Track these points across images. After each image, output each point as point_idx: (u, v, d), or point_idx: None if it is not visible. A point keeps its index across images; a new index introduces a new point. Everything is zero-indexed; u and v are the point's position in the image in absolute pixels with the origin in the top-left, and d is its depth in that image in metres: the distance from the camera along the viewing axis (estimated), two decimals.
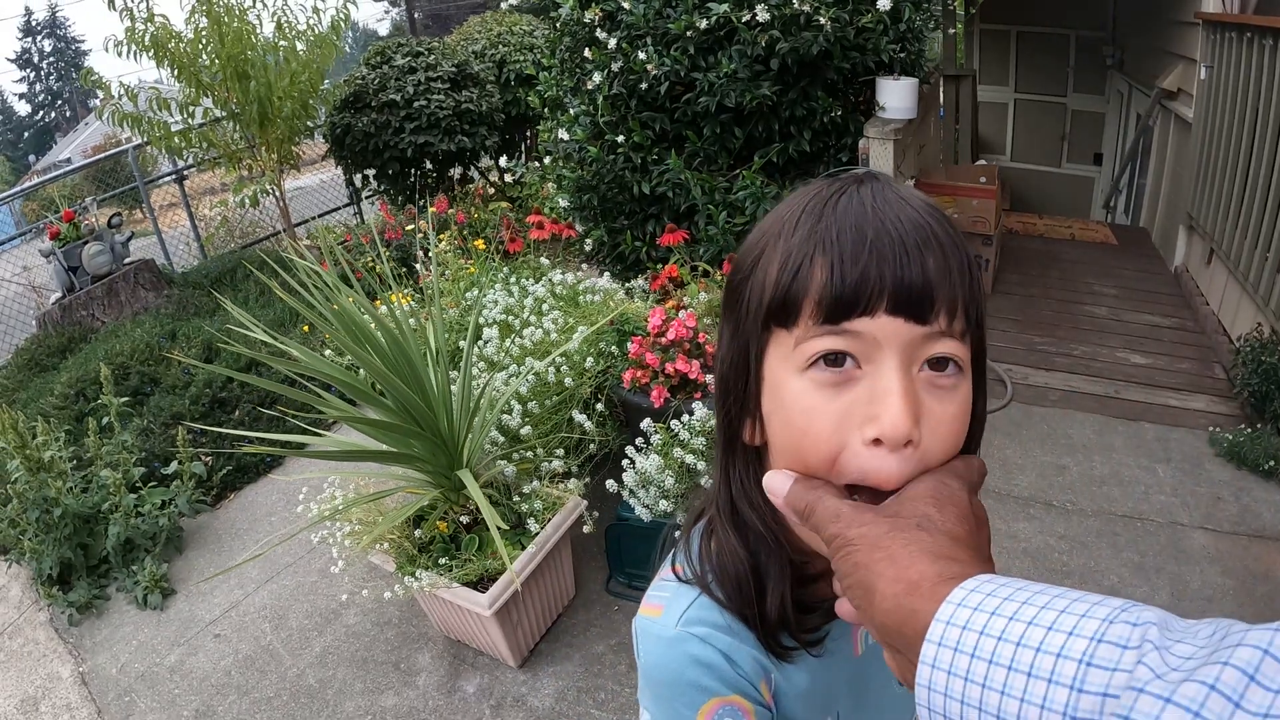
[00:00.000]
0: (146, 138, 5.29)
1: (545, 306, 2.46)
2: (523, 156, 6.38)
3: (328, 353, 2.78)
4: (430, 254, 2.37)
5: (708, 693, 0.64)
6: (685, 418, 2.09)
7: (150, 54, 5.02)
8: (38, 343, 5.29)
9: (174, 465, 3.47)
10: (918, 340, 0.53)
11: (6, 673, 2.91)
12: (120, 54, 5.08)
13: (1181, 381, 3.67)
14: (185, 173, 6.37)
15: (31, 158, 34.53)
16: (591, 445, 2.28)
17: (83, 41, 41.98)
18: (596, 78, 3.03)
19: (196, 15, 4.96)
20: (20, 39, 40.87)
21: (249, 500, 3.58)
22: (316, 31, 5.23)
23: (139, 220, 9.60)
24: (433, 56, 5.46)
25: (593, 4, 3.27)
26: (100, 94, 5.37)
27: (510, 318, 2.46)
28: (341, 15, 5.04)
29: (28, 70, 41.18)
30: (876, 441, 0.52)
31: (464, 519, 2.14)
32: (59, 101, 41.48)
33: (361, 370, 2.08)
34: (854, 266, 0.53)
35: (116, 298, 5.37)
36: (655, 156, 3.24)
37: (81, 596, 3.15)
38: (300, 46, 5.16)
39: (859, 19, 3.15)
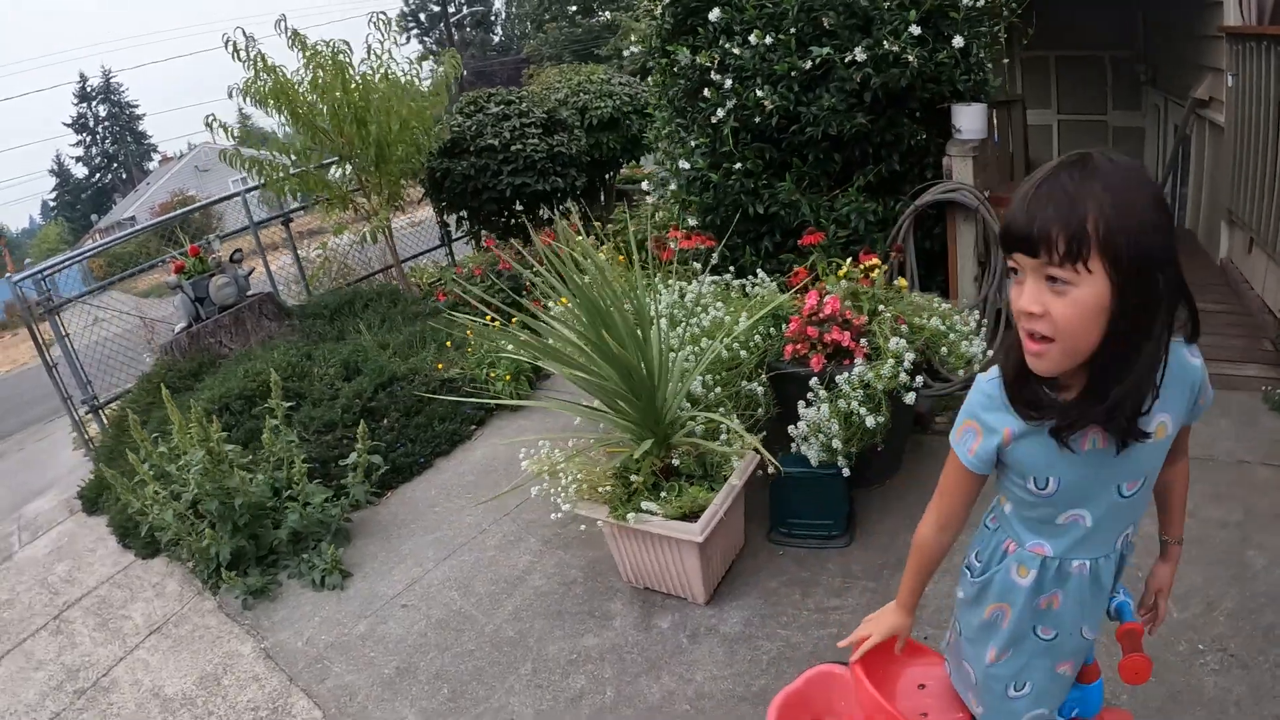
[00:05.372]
0: (265, 180, 5.71)
1: (705, 301, 2.92)
2: (602, 197, 6.87)
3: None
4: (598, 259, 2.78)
5: (971, 415, 1.23)
6: (846, 375, 2.60)
7: (272, 102, 5.44)
8: (167, 367, 5.60)
9: (352, 456, 3.78)
10: (1039, 265, 1.02)
11: (179, 655, 3.10)
12: (245, 101, 5.55)
13: (1234, 354, 3.96)
14: (291, 215, 6.90)
15: (94, 216, 36.19)
16: (759, 410, 2.71)
17: (136, 106, 44.19)
18: (720, 113, 3.51)
19: (312, 67, 5.39)
20: (75, 104, 43.12)
21: (407, 497, 3.94)
22: (416, 84, 5.74)
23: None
24: (524, 104, 6.00)
25: (703, 51, 3.76)
26: (223, 137, 5.82)
27: (675, 310, 2.92)
28: (450, 69, 5.57)
29: (84, 134, 43.27)
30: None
31: (675, 460, 2.55)
32: (114, 164, 43.44)
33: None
34: (1005, 225, 1.07)
35: (243, 326, 5.74)
36: (764, 182, 3.70)
37: (256, 582, 3.39)
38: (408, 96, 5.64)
39: (937, 55, 3.61)
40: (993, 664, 1.37)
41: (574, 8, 28.45)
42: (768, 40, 3.58)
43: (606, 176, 6.77)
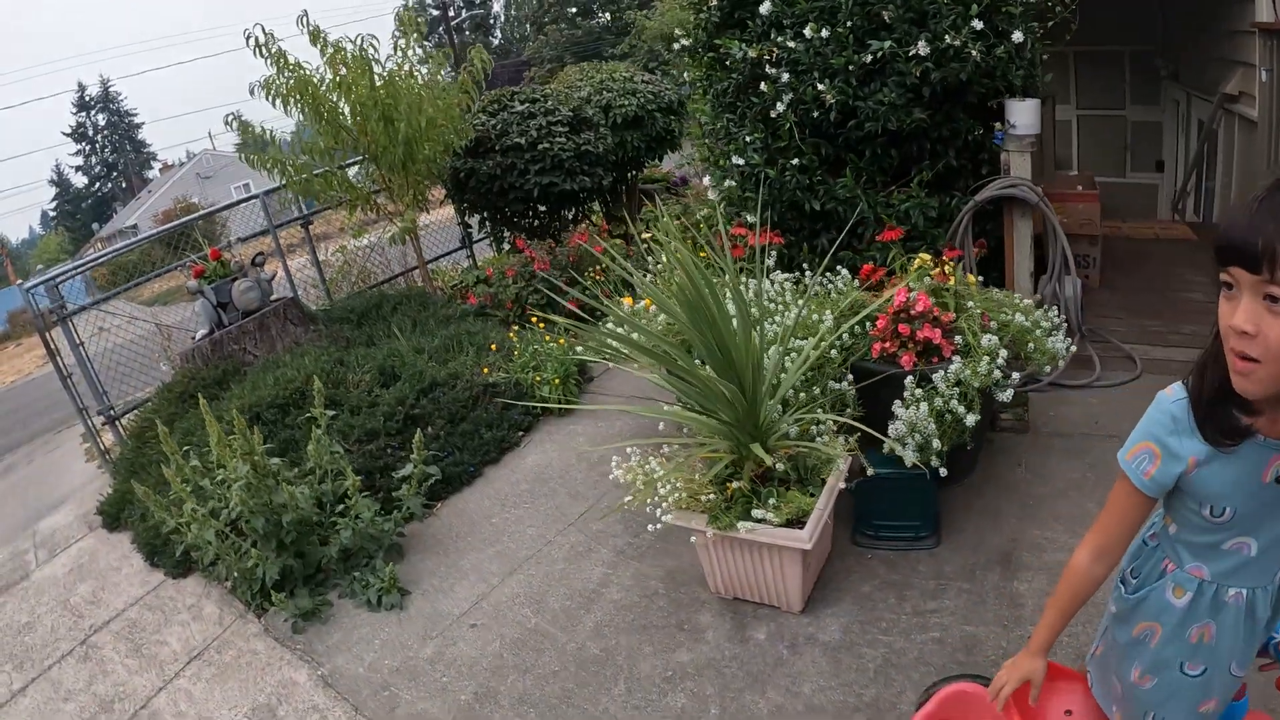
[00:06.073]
0: (285, 180, 5.50)
1: (785, 299, 2.85)
2: (623, 197, 6.78)
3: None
4: (657, 261, 2.70)
5: (1151, 436, 1.18)
6: (942, 372, 2.55)
7: (294, 100, 5.23)
8: (189, 375, 5.31)
9: (407, 467, 3.61)
10: (1258, 282, 0.96)
11: (226, 684, 2.89)
12: (266, 98, 5.28)
13: None
14: (311, 218, 6.72)
15: (95, 225, 35.95)
16: (847, 410, 2.66)
17: (135, 114, 43.93)
18: (780, 106, 3.44)
19: (336, 65, 5.18)
20: (74, 113, 42.79)
21: (459, 508, 3.78)
22: (441, 80, 5.59)
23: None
24: (550, 102, 5.90)
25: (755, 44, 3.69)
26: (243, 138, 5.62)
27: (752, 308, 2.82)
28: (480, 64, 5.43)
29: (83, 144, 42.95)
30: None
31: (778, 464, 2.48)
32: (114, 173, 43.15)
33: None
34: (1225, 236, 1.00)
35: (267, 332, 5.49)
36: (820, 178, 3.64)
37: (306, 603, 3.17)
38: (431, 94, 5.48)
39: (995, 50, 3.55)
40: (1136, 684, 1.36)
41: (574, 9, 28.41)
42: (823, 34, 3.51)
43: (629, 176, 6.68)
